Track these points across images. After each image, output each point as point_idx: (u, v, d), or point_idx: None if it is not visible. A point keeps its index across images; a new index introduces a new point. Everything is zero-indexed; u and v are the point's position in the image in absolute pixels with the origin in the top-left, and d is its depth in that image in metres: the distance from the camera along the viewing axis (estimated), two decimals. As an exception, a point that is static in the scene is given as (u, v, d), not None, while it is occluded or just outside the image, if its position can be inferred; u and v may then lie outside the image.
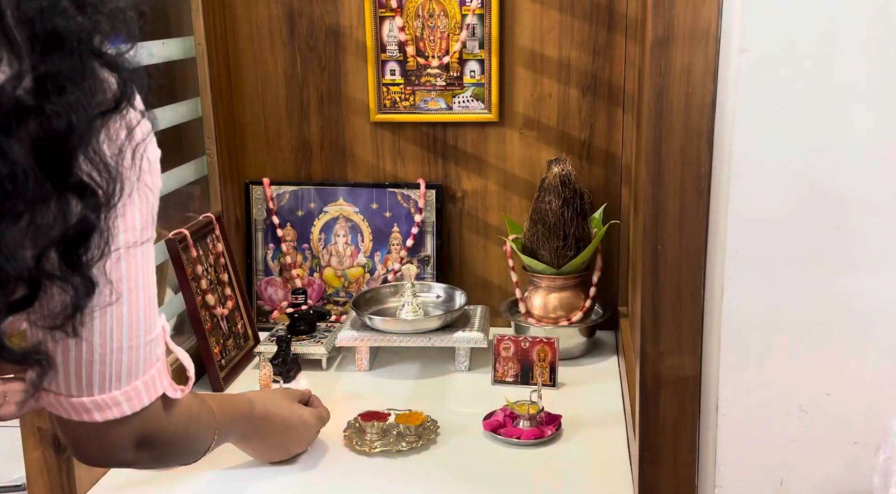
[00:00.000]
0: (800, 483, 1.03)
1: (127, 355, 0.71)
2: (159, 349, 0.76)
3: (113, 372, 0.70)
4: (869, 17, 0.91)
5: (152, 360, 0.74)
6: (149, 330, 0.72)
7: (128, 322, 0.70)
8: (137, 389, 0.73)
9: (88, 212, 0.60)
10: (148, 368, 0.74)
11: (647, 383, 1.08)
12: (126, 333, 0.70)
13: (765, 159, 0.96)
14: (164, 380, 0.77)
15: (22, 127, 0.57)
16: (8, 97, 0.56)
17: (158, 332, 0.75)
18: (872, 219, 0.95)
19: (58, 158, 0.58)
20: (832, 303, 0.98)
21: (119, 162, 0.63)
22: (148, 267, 0.71)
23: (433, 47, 1.74)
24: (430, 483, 1.26)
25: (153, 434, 0.79)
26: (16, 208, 0.57)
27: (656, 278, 1.05)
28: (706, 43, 0.98)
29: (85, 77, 0.60)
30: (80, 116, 0.59)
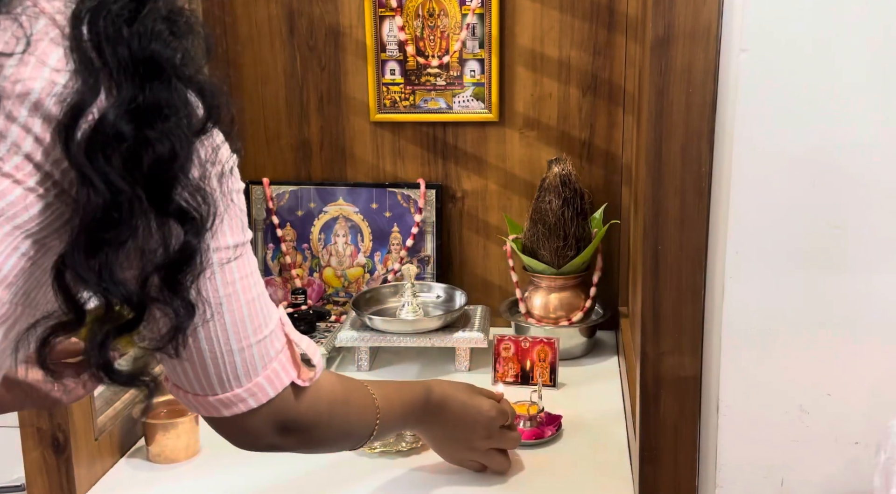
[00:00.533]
0: (800, 483, 1.03)
1: (240, 356, 0.72)
2: (277, 342, 0.76)
3: (229, 373, 0.72)
4: (869, 17, 0.91)
5: (270, 356, 0.75)
6: (258, 329, 0.73)
7: (232, 328, 0.71)
8: (260, 384, 0.75)
9: (190, 237, 0.61)
10: (267, 363, 0.75)
11: (648, 383, 1.08)
12: (234, 337, 0.71)
13: (765, 159, 0.95)
14: (289, 372, 0.78)
15: (125, 155, 0.57)
16: (110, 126, 0.56)
17: (273, 328, 0.75)
18: (872, 219, 0.95)
19: (161, 185, 0.59)
20: (833, 303, 0.98)
21: (210, 184, 0.64)
22: (244, 272, 0.72)
23: (433, 47, 1.73)
24: (430, 483, 1.26)
25: (291, 420, 0.81)
26: (120, 236, 0.57)
27: (657, 278, 1.05)
28: (706, 43, 0.98)
29: (182, 103, 0.61)
30: (181, 142, 0.59)
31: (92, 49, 0.57)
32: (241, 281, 0.71)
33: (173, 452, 1.32)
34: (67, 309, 0.58)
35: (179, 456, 1.32)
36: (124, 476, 1.30)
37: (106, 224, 0.56)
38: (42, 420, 1.19)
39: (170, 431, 1.31)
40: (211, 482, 1.28)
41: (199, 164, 0.63)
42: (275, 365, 0.76)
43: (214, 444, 1.36)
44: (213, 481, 1.28)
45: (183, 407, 1.36)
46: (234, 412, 0.75)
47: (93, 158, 0.56)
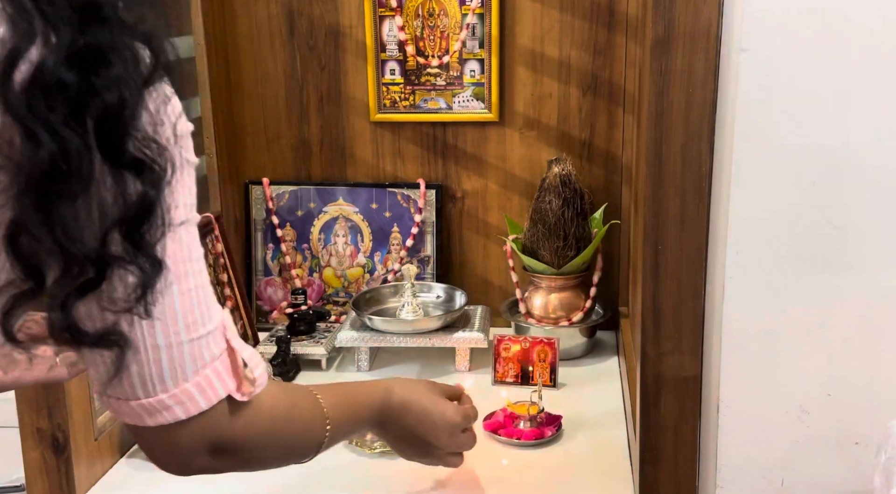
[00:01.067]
0: (800, 484, 1.03)
1: (167, 354, 0.64)
2: (215, 347, 0.67)
3: (154, 373, 0.64)
4: (869, 17, 0.91)
5: (204, 360, 0.66)
6: (192, 327, 0.65)
7: (161, 319, 0.63)
8: (189, 392, 0.66)
9: (147, 188, 0.57)
10: (199, 369, 0.66)
11: (648, 383, 1.08)
12: (162, 331, 0.63)
13: (765, 159, 0.95)
14: (226, 382, 0.69)
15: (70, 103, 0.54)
16: (50, 73, 0.53)
17: (211, 329, 0.67)
18: (873, 219, 0.95)
19: (111, 134, 0.55)
20: (833, 303, 0.98)
21: (163, 136, 0.60)
22: (183, 256, 0.64)
23: (433, 47, 1.73)
24: (430, 483, 1.26)
25: (226, 439, 0.73)
26: (71, 188, 0.54)
27: (657, 278, 1.05)
28: (707, 43, 0.98)
29: (126, 48, 0.57)
30: (130, 89, 0.56)
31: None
32: (179, 265, 0.64)
33: (173, 452, 1.31)
34: (25, 277, 0.55)
35: (179, 456, 1.32)
36: (124, 476, 1.30)
37: (55, 177, 0.53)
38: (42, 420, 1.19)
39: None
40: (211, 482, 1.28)
41: (150, 117, 0.59)
42: (208, 373, 0.67)
43: (214, 444, 1.36)
44: (213, 481, 1.28)
45: (183, 407, 1.36)
46: (159, 421, 0.66)
47: (35, 108, 0.52)
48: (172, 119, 0.62)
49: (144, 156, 0.58)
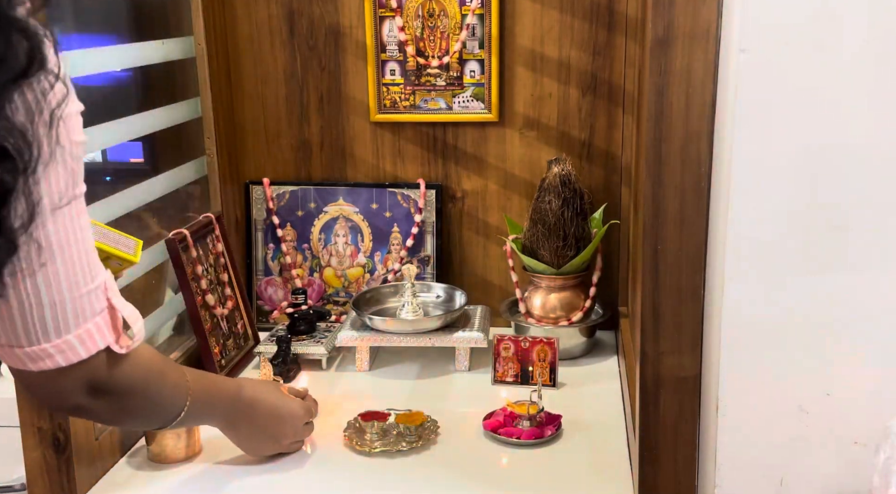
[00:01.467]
0: (800, 483, 1.03)
1: (50, 311, 0.69)
2: (97, 304, 0.73)
3: (38, 326, 0.70)
4: (869, 16, 0.91)
5: (86, 315, 0.72)
6: (75, 285, 0.70)
7: (44, 280, 0.68)
8: (70, 342, 0.72)
9: (4, 175, 0.59)
10: (81, 323, 0.72)
11: (648, 383, 1.08)
12: (45, 289, 0.68)
13: (765, 159, 0.96)
14: (105, 335, 0.75)
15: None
16: None
17: (93, 288, 0.73)
18: (873, 219, 0.95)
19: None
20: (833, 303, 0.98)
21: (33, 127, 0.62)
22: (77, 224, 0.70)
23: (433, 47, 1.74)
24: (430, 483, 1.26)
25: (103, 383, 0.78)
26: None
27: (656, 278, 1.05)
28: (706, 43, 0.98)
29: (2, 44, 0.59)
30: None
31: None
32: (75, 232, 0.69)
33: (173, 452, 1.32)
34: None
35: (179, 456, 1.32)
36: (124, 476, 1.30)
37: None
38: (43, 419, 1.19)
39: (170, 431, 1.31)
40: (211, 482, 1.28)
41: (22, 107, 0.61)
42: (89, 326, 0.73)
43: (214, 444, 1.36)
44: (213, 481, 1.29)
45: (183, 407, 1.36)
46: (41, 367, 0.72)
47: None
48: (52, 105, 0.63)
49: (7, 144, 0.59)
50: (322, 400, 1.49)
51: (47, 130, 0.63)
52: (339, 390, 1.56)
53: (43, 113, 0.63)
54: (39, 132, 0.63)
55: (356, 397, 1.52)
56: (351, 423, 1.40)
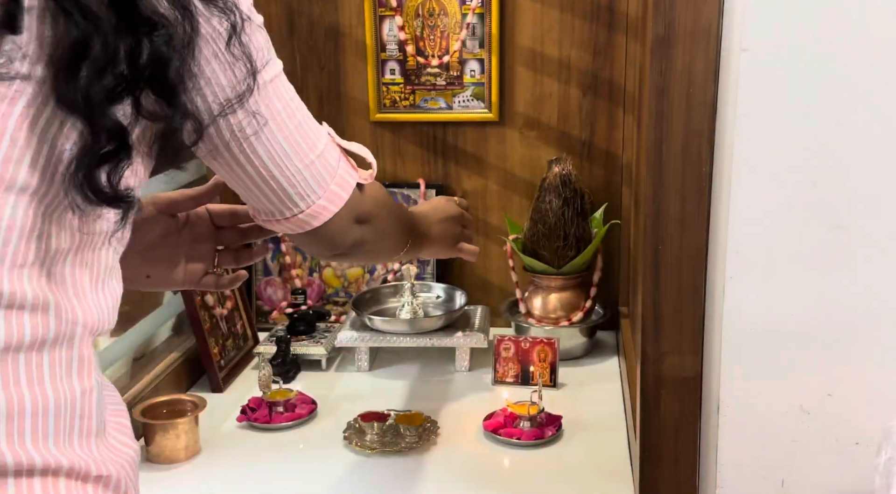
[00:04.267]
0: (801, 484, 1.03)
1: (308, 172, 0.78)
2: (334, 152, 0.82)
3: (305, 188, 0.79)
4: (869, 16, 0.91)
5: (332, 166, 0.81)
6: (314, 146, 0.78)
7: (292, 149, 0.76)
8: (334, 191, 0.82)
9: (160, 44, 0.60)
10: (333, 173, 0.82)
11: (648, 383, 1.08)
12: (295, 157, 0.77)
13: (766, 159, 0.95)
14: (352, 174, 0.85)
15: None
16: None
17: (326, 141, 0.81)
18: (874, 219, 0.95)
19: None
20: (834, 304, 0.98)
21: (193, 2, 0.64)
22: (288, 96, 0.75)
23: (433, 46, 1.73)
24: (430, 483, 1.26)
25: (365, 210, 0.88)
26: (96, 65, 0.57)
27: (657, 278, 1.05)
28: (707, 42, 0.98)
29: None
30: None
31: None
32: (288, 105, 0.75)
33: (173, 452, 1.31)
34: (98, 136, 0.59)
35: (179, 456, 1.32)
36: (124, 476, 1.30)
37: (83, 54, 0.57)
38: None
39: (169, 431, 1.31)
40: (211, 482, 1.28)
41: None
42: (340, 172, 0.83)
43: (214, 444, 1.36)
44: (212, 481, 1.28)
45: (183, 408, 1.36)
46: (323, 219, 0.82)
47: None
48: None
49: (159, 16, 0.60)
50: (322, 401, 1.49)
51: None
52: (338, 390, 1.56)
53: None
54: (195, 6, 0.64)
55: (356, 397, 1.52)
56: (351, 424, 1.40)
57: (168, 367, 1.52)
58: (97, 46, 0.57)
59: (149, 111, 0.62)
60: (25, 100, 0.56)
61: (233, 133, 0.71)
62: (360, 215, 0.88)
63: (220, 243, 0.97)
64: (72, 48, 0.57)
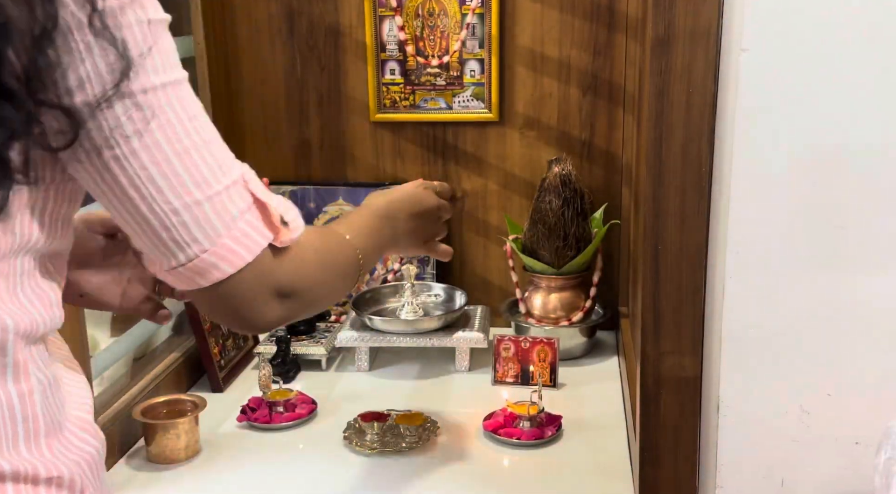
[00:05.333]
0: (801, 484, 1.03)
1: (189, 214, 0.65)
2: (240, 201, 0.68)
3: (183, 234, 0.65)
4: (869, 17, 0.91)
5: (232, 215, 0.67)
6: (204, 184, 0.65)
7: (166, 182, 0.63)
8: (228, 246, 0.67)
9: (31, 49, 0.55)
10: (230, 223, 0.67)
11: (648, 383, 1.08)
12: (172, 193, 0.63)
13: (765, 158, 0.95)
14: (263, 232, 0.70)
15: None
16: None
17: (229, 183, 0.67)
18: (874, 219, 0.95)
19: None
20: (834, 303, 0.98)
21: None
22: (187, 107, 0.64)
23: (433, 46, 1.73)
24: (430, 483, 1.26)
25: (285, 282, 0.73)
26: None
27: (657, 278, 1.05)
28: (707, 42, 0.98)
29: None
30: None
31: None
32: (182, 123, 0.63)
33: (173, 452, 1.31)
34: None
35: (179, 456, 1.32)
36: (124, 476, 1.30)
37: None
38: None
39: (169, 431, 1.31)
40: (211, 482, 1.28)
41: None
42: (241, 225, 0.67)
43: (214, 444, 1.36)
44: (212, 481, 1.28)
45: (183, 407, 1.36)
46: (212, 279, 0.67)
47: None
48: None
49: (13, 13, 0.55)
50: (322, 401, 1.49)
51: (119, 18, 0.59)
52: (338, 390, 1.56)
53: None
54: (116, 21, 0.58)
55: (356, 397, 1.52)
56: (351, 424, 1.40)
57: (168, 367, 1.52)
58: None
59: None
60: None
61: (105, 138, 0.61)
62: (280, 288, 0.73)
63: None
64: None
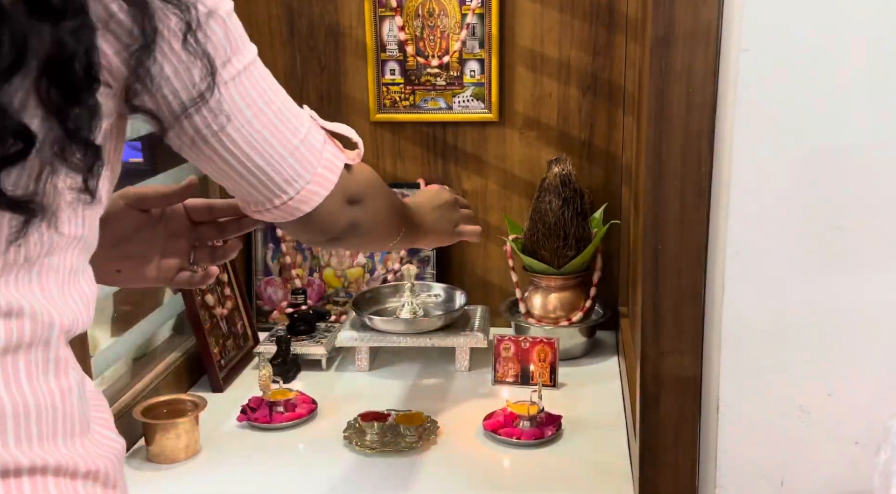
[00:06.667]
0: (800, 484, 1.03)
1: (293, 157, 0.77)
2: (318, 135, 0.80)
3: (291, 174, 0.77)
4: (869, 17, 0.91)
5: (318, 149, 0.80)
6: (296, 131, 0.77)
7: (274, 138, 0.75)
8: (321, 174, 0.80)
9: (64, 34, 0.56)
10: (319, 155, 0.80)
11: (648, 383, 1.08)
12: (279, 144, 0.75)
13: (765, 159, 0.95)
14: (339, 156, 0.83)
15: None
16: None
17: (308, 124, 0.79)
18: (873, 219, 0.95)
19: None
20: (833, 303, 0.98)
21: None
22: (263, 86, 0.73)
23: (433, 47, 1.73)
24: (430, 484, 1.26)
25: (354, 191, 0.87)
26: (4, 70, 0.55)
27: (657, 278, 1.05)
28: (707, 43, 0.98)
29: None
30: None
31: None
32: (265, 92, 0.73)
33: (173, 452, 1.32)
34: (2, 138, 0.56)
35: (179, 456, 1.32)
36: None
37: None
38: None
39: (170, 431, 1.31)
40: (211, 482, 1.28)
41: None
42: (326, 155, 0.81)
43: (214, 444, 1.36)
44: (212, 481, 1.28)
45: (183, 407, 1.36)
46: (313, 204, 0.81)
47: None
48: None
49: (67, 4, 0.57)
50: (322, 401, 1.49)
51: None
52: (339, 390, 1.56)
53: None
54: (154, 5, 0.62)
55: (356, 397, 1.52)
56: (351, 423, 1.40)
57: (168, 367, 1.52)
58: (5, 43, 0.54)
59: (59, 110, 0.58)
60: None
61: (208, 126, 0.70)
62: (352, 196, 0.87)
63: (196, 239, 0.95)
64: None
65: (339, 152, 0.84)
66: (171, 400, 1.38)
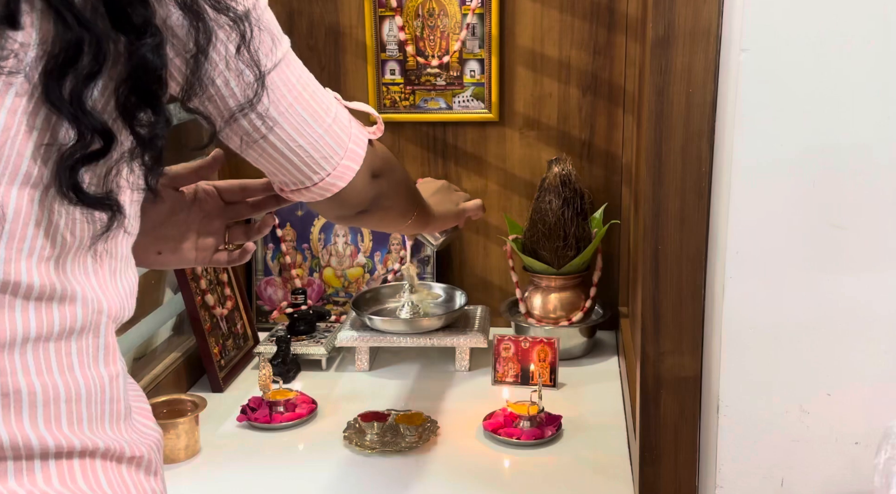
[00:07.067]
0: (800, 484, 1.03)
1: (328, 136, 0.80)
2: (344, 113, 0.84)
3: (328, 151, 0.81)
4: (869, 16, 0.91)
5: (346, 126, 0.83)
6: (327, 111, 0.80)
7: (311, 119, 0.79)
8: (352, 150, 0.84)
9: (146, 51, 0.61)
10: (348, 132, 0.83)
11: (648, 383, 1.08)
12: (316, 124, 0.79)
13: (765, 159, 0.95)
14: (363, 132, 0.87)
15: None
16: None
17: (336, 105, 0.83)
18: (873, 219, 0.95)
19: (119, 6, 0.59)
20: (833, 303, 0.98)
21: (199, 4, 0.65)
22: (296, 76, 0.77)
23: (433, 47, 1.73)
24: (430, 483, 1.26)
25: (377, 166, 0.90)
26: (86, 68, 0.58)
27: (657, 278, 1.05)
28: (707, 42, 0.98)
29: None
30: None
31: None
32: (301, 77, 0.77)
33: (173, 452, 1.31)
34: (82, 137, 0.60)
35: (179, 456, 1.32)
36: (124, 476, 1.30)
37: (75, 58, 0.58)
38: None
39: (170, 431, 1.31)
40: (211, 482, 1.28)
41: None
42: (354, 131, 0.84)
43: (214, 444, 1.36)
44: (212, 481, 1.28)
45: (183, 407, 1.36)
46: (347, 180, 0.84)
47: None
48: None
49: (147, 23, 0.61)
50: (322, 401, 1.49)
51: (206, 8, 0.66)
52: (338, 390, 1.56)
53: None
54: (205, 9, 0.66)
55: (356, 397, 1.52)
56: (351, 423, 1.40)
57: (168, 367, 1.52)
58: (88, 51, 0.58)
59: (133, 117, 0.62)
60: (26, 94, 0.57)
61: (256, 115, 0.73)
62: (375, 170, 0.90)
63: (230, 218, 0.98)
64: (64, 50, 0.57)
65: (363, 128, 0.88)
66: (170, 400, 1.38)
